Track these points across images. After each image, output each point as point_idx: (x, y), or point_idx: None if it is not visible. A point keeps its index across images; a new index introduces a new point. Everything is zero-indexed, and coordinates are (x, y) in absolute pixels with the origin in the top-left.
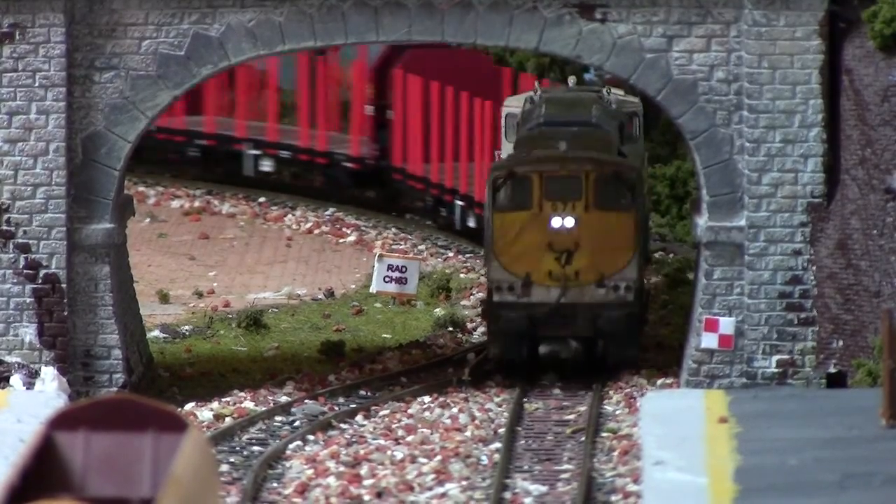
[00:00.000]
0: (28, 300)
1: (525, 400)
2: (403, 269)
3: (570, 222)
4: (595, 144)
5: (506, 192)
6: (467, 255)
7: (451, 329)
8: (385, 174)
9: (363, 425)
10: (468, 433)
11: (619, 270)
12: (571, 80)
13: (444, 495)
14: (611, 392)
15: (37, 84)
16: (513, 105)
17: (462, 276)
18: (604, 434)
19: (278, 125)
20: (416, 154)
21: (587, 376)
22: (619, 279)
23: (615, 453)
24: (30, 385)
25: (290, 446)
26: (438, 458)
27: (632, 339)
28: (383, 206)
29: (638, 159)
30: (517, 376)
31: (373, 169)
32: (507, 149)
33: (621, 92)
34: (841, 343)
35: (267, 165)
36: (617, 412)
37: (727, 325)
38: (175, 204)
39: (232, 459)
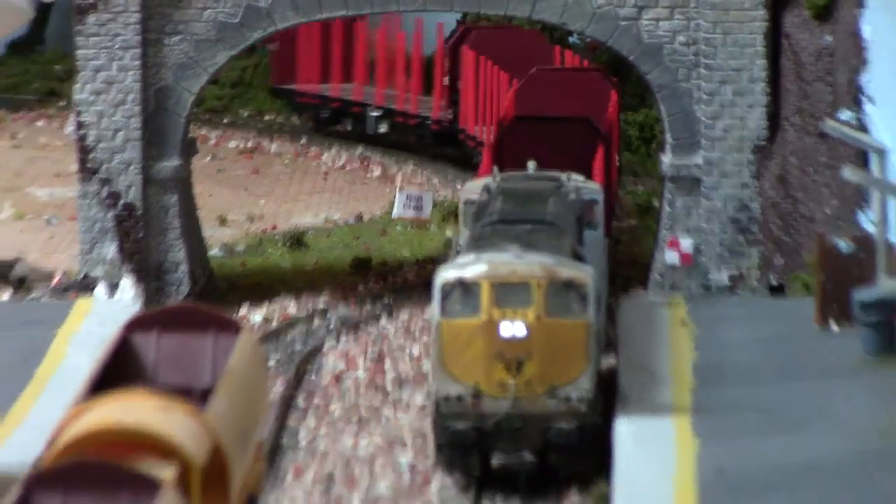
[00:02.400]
0: (109, 224)
1: None
2: (419, 199)
3: (520, 331)
4: (549, 246)
5: (454, 300)
6: None
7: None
8: (456, 135)
9: (386, 327)
10: None
11: (571, 381)
12: (531, 164)
13: None
14: None
15: (117, 46)
16: (471, 192)
17: None
18: None
19: (384, 90)
20: (471, 119)
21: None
22: (572, 389)
23: None
24: (111, 294)
25: (326, 344)
26: None
27: (584, 452)
28: (458, 163)
29: (598, 246)
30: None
31: (448, 131)
32: (463, 236)
33: (581, 177)
34: (781, 260)
35: (384, 126)
36: None
37: (687, 245)
38: (231, 144)
39: (278, 356)
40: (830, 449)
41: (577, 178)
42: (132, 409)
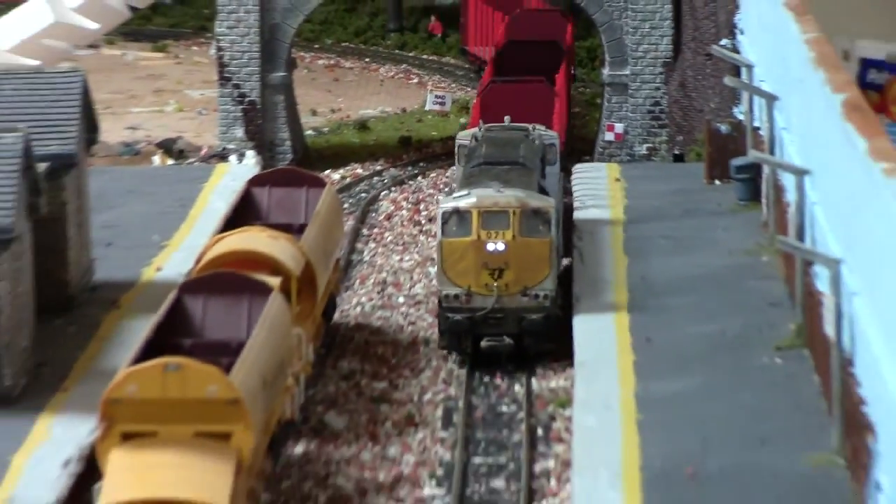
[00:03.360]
0: (238, 115)
1: None
2: (443, 97)
3: (501, 247)
4: (521, 182)
5: (452, 224)
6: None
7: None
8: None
9: (421, 182)
10: None
11: (538, 283)
12: (507, 119)
13: None
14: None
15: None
16: (463, 139)
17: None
18: None
19: None
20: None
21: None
22: (539, 290)
23: None
24: (239, 161)
25: (381, 194)
26: None
27: (549, 336)
28: (468, 73)
29: (556, 177)
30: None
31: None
32: (458, 171)
33: (543, 127)
34: (681, 138)
35: None
36: None
37: (619, 128)
38: (320, 62)
39: (350, 201)
40: (714, 263)
41: (539, 128)
42: (252, 239)
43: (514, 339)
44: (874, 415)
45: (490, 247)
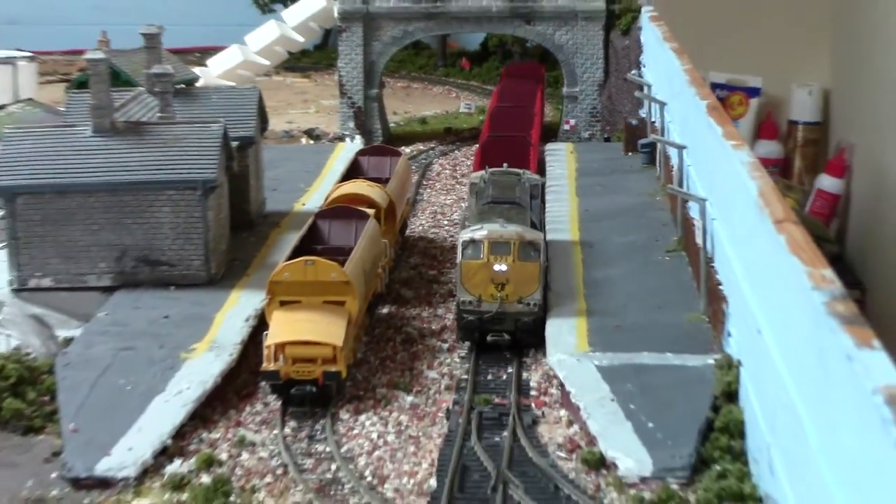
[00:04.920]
0: (350, 114)
1: None
2: (470, 105)
3: (504, 268)
4: (519, 218)
5: (469, 250)
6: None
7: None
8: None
9: (457, 153)
10: None
11: (530, 294)
12: (505, 165)
13: None
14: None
15: (353, 45)
16: (473, 179)
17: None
18: None
19: None
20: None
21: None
22: (530, 299)
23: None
24: (351, 141)
25: (434, 161)
26: None
27: (537, 333)
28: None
29: (538, 208)
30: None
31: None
32: (470, 206)
33: (529, 172)
34: (609, 128)
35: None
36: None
37: (572, 122)
38: (398, 84)
39: (415, 165)
40: (629, 201)
41: (528, 174)
42: (358, 186)
43: (511, 334)
44: (726, 291)
45: (496, 267)
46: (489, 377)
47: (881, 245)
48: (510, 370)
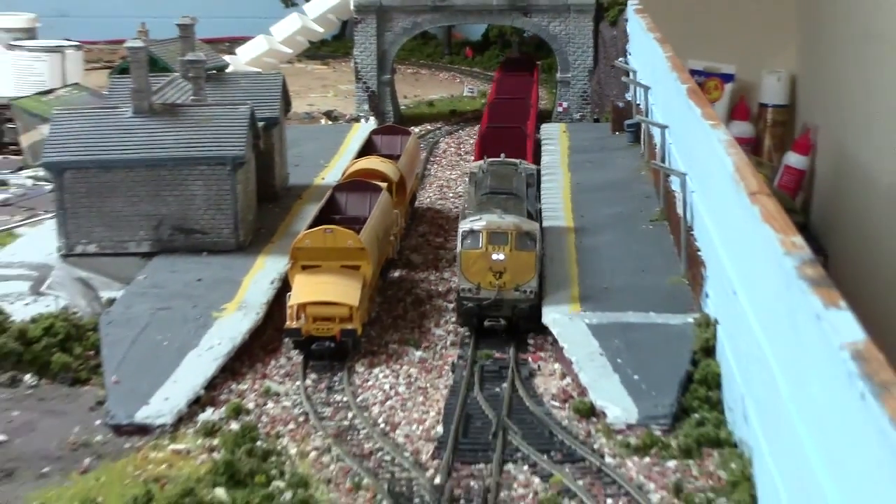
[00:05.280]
0: (365, 97)
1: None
2: (473, 89)
3: (501, 257)
4: (516, 209)
5: (468, 239)
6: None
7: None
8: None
9: (461, 133)
10: None
11: (526, 282)
12: (502, 155)
13: None
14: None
15: (368, 34)
16: (473, 169)
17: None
18: None
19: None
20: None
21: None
22: (526, 287)
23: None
24: (366, 122)
25: (441, 139)
26: None
27: (533, 319)
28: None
29: (534, 196)
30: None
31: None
32: (469, 195)
33: (526, 162)
34: (598, 110)
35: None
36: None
37: (565, 104)
38: (408, 70)
39: (424, 143)
40: (616, 175)
41: (525, 163)
42: (372, 162)
43: (508, 320)
44: (704, 256)
45: (494, 256)
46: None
47: (842, 216)
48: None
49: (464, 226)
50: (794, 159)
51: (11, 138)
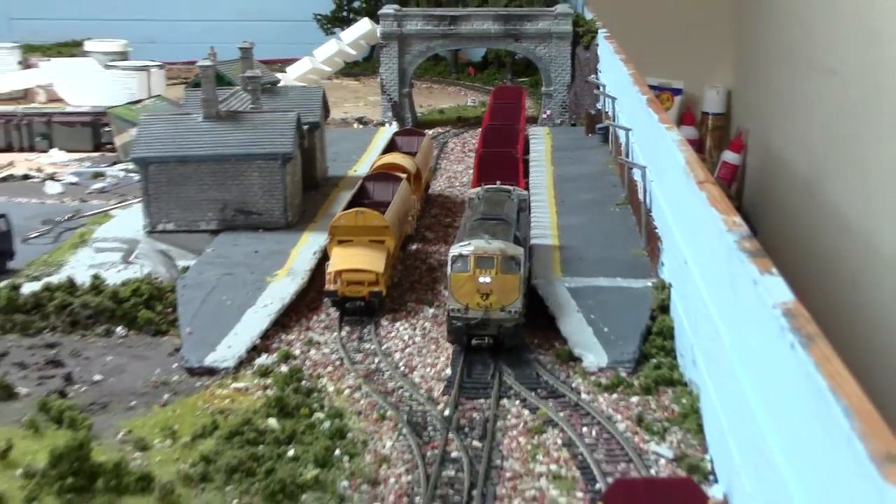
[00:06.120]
0: (388, 106)
1: None
2: (475, 100)
3: (488, 279)
4: (503, 235)
5: (458, 263)
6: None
7: None
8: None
9: (465, 135)
10: None
11: (511, 303)
12: (498, 182)
13: None
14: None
15: (391, 54)
16: (471, 194)
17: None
18: None
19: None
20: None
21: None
22: (511, 308)
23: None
24: (389, 126)
25: (449, 140)
26: None
27: (518, 337)
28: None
29: (525, 219)
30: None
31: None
32: (465, 219)
33: (519, 188)
34: (575, 116)
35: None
36: None
37: (549, 112)
38: (423, 85)
39: (436, 143)
40: (589, 169)
41: (517, 189)
42: (395, 157)
43: (494, 339)
44: (660, 233)
45: (481, 279)
46: None
47: (767, 202)
48: None
49: (454, 250)
50: (729, 156)
51: (108, 139)
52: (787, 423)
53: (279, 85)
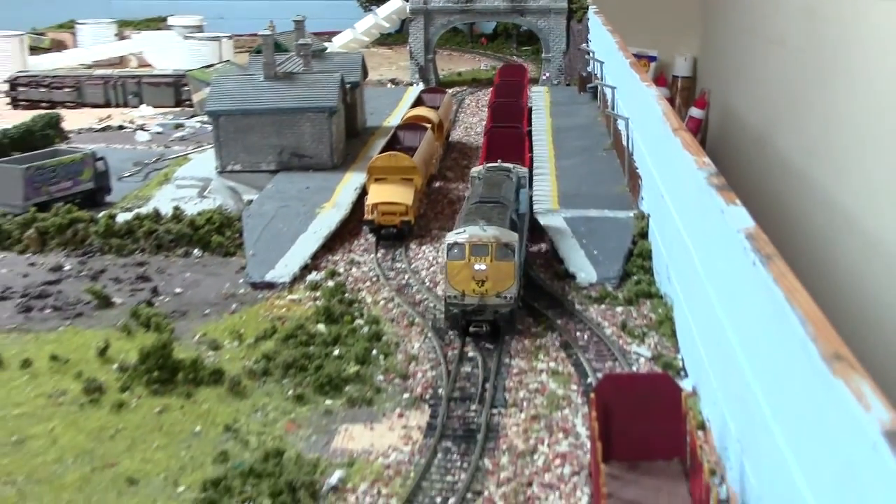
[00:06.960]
0: (416, 69)
1: None
2: (488, 65)
3: (483, 267)
4: (499, 219)
5: (454, 251)
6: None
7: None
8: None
9: (479, 94)
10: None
11: (506, 289)
12: (499, 161)
13: None
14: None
15: (418, 27)
16: (474, 173)
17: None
18: None
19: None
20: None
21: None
22: (507, 293)
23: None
24: (417, 84)
25: (466, 97)
26: None
27: (513, 323)
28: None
29: (525, 195)
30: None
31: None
32: (467, 200)
33: (519, 166)
34: (570, 78)
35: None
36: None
37: (549, 74)
38: (444, 52)
39: (455, 99)
40: (581, 121)
41: (517, 167)
42: (421, 111)
43: (490, 324)
44: (641, 172)
45: (476, 266)
46: None
47: (726, 151)
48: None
49: (449, 238)
50: (695, 112)
51: (186, 97)
52: (748, 328)
53: (326, 51)
